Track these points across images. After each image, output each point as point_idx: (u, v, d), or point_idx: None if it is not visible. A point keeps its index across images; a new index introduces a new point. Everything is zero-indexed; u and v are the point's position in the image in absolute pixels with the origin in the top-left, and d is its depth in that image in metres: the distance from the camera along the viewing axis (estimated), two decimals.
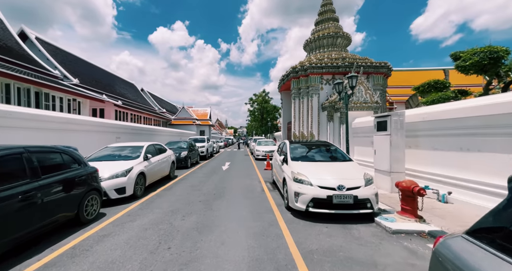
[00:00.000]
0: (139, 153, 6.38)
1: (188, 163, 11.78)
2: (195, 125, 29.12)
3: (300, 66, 10.10)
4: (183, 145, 12.72)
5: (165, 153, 8.14)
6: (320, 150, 5.63)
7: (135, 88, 26.89)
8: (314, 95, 10.05)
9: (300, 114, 10.69)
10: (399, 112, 5.42)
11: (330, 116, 9.45)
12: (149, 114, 22.67)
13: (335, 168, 4.55)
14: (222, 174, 9.65)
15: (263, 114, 31.79)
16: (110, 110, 14.90)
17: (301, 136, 10.53)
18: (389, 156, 5.44)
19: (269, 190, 6.52)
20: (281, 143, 7.27)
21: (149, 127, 13.71)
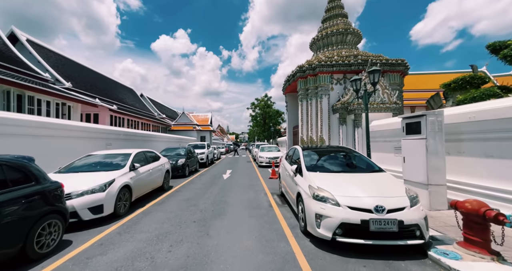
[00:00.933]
0: (125, 161, 5.45)
1: (186, 171, 10.82)
2: (196, 131, 28.27)
3: (308, 65, 9.25)
4: (181, 151, 11.79)
5: (158, 161, 7.21)
6: (340, 158, 4.66)
7: (134, 93, 26.28)
8: (323, 96, 9.14)
9: (308, 118, 9.76)
10: (436, 111, 4.46)
11: (343, 119, 8.51)
12: (147, 120, 21.90)
13: (366, 181, 3.57)
14: (222, 184, 8.66)
15: (266, 120, 30.91)
16: (105, 115, 14.10)
17: (310, 141, 9.56)
18: (425, 164, 4.45)
19: (277, 205, 5.53)
20: (290, 150, 6.32)
21: (145, 133, 12.85)
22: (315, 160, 4.52)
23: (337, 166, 4.30)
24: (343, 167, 4.27)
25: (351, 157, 4.60)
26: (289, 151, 6.35)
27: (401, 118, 5.27)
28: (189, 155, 11.92)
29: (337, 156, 4.70)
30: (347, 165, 4.37)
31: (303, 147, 5.25)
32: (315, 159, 4.56)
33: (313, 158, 4.60)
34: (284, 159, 6.39)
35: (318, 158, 4.63)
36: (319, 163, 4.43)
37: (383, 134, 6.87)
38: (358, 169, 4.16)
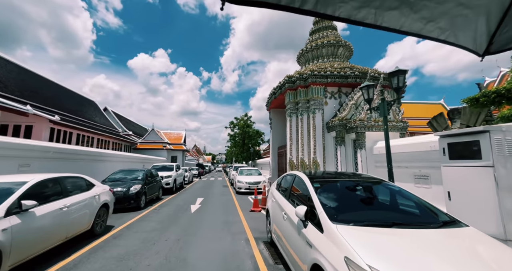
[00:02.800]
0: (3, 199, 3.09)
1: (141, 201, 8.22)
2: (166, 150, 25.22)
3: (299, 75, 7.95)
4: (139, 175, 9.22)
5: (89, 191, 4.83)
6: (373, 194, 2.92)
7: (95, 106, 23.05)
8: (316, 111, 7.75)
9: (298, 136, 8.19)
10: (503, 126, 3.09)
11: (340, 139, 7.06)
12: (107, 136, 18.70)
13: (455, 251, 1.81)
14: (187, 222, 6.33)
15: (245, 140, 29.17)
16: (42, 127, 11.11)
17: (301, 165, 7.86)
18: (495, 206, 2.90)
19: (267, 265, 3.48)
20: (284, 177, 4.49)
21: (93, 151, 10.09)
22: (336, 200, 2.72)
23: (376, 212, 2.53)
24: (387, 214, 2.51)
25: (390, 192, 2.90)
26: (283, 179, 4.50)
27: (438, 137, 3.85)
28: (148, 179, 9.37)
29: (367, 191, 2.96)
30: (390, 209, 2.63)
31: (310, 174, 3.45)
32: (336, 198, 2.77)
33: (333, 196, 2.80)
34: (276, 190, 4.50)
35: (339, 195, 2.85)
36: (345, 205, 2.64)
37: (397, 159, 5.43)
38: (414, 219, 2.42)
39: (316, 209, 2.45)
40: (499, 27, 1.04)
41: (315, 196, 2.63)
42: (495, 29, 1.05)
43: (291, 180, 3.87)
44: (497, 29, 1.05)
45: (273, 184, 5.10)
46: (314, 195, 2.66)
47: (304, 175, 3.40)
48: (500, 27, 1.04)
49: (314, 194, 2.68)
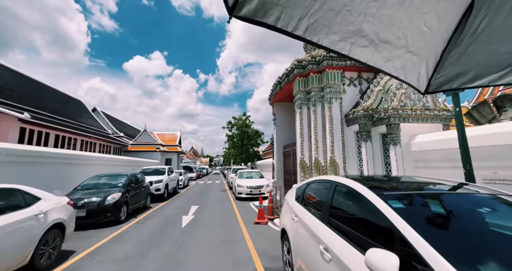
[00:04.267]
0: None
1: (120, 214, 6.75)
2: (160, 152, 23.64)
3: (311, 58, 6.58)
4: (120, 181, 7.73)
5: (22, 210, 3.36)
6: (488, 217, 1.57)
7: (82, 106, 21.43)
8: (333, 100, 6.38)
9: (311, 132, 6.81)
10: None
11: (366, 133, 5.69)
12: (93, 138, 17.13)
13: None
14: (174, 243, 4.87)
15: (244, 140, 27.72)
16: (8, 127, 9.55)
17: (315, 167, 6.47)
18: None
19: None
20: (309, 185, 3.09)
21: (65, 154, 8.56)
22: (456, 239, 1.36)
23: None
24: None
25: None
26: (308, 188, 3.09)
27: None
28: (131, 186, 7.88)
29: (500, 216, 1.59)
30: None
31: (366, 181, 2.05)
32: (453, 234, 1.40)
33: (445, 231, 1.43)
34: (298, 204, 3.09)
35: (455, 227, 1.47)
36: (481, 250, 1.29)
37: (450, 156, 4.07)
38: None
39: (429, 263, 1.05)
40: (434, 73, 1.34)
41: (414, 234, 1.22)
42: (431, 75, 1.35)
43: (326, 191, 2.45)
44: (433, 75, 1.35)
45: (290, 194, 3.69)
46: (410, 230, 1.24)
47: (358, 183, 1.99)
48: (434, 73, 1.34)
49: (407, 227, 1.27)
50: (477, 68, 1.25)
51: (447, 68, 1.29)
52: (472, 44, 1.12)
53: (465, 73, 1.29)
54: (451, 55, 1.22)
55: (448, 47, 1.18)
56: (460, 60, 1.22)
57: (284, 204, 3.75)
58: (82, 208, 6.04)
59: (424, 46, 1.18)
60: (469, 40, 1.12)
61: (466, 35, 1.10)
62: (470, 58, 1.20)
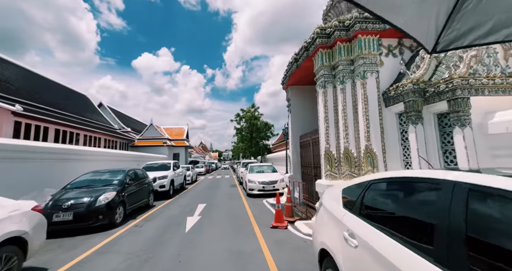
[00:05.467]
0: None
1: (115, 215, 5.82)
2: (167, 147, 22.97)
3: (338, 22, 5.22)
4: (116, 178, 6.82)
5: None
6: None
7: (87, 101, 20.89)
8: (368, 74, 5.05)
9: (338, 115, 5.55)
10: None
11: (415, 114, 4.37)
12: (97, 133, 16.52)
13: None
14: (174, 255, 3.81)
15: (253, 133, 26.57)
16: (1, 120, 8.83)
17: (346, 157, 5.23)
18: None
19: None
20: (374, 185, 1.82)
21: (57, 148, 7.72)
22: None
23: None
24: None
25: None
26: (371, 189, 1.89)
27: None
28: (128, 183, 6.95)
29: None
30: None
31: None
32: None
33: None
34: (353, 216, 1.87)
35: None
36: None
37: None
38: None
39: None
40: (444, 28, 1.12)
41: None
42: (441, 30, 1.13)
43: (437, 200, 1.24)
44: (442, 31, 1.13)
45: (330, 197, 2.51)
46: None
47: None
48: (445, 28, 1.12)
49: None
50: (492, 20, 1.02)
51: (459, 22, 1.07)
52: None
53: (478, 26, 1.06)
54: (464, 6, 1.00)
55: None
56: (475, 11, 1.00)
57: (321, 212, 2.58)
58: (68, 211, 5.15)
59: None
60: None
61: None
62: (485, 9, 0.98)
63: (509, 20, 1.02)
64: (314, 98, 7.51)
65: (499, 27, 1.05)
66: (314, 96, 7.16)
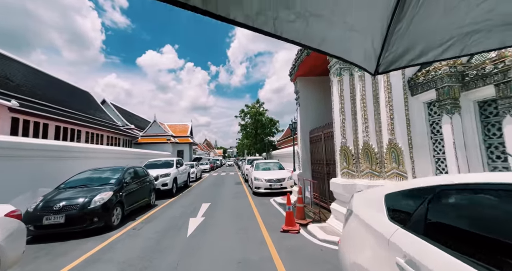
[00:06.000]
0: None
1: (112, 217, 5.38)
2: (171, 144, 22.64)
3: None
4: (113, 176, 6.39)
5: None
6: None
7: (90, 98, 20.63)
8: None
9: (356, 106, 4.94)
10: None
11: (452, 102, 3.74)
12: (100, 130, 16.23)
13: None
14: (172, 265, 3.25)
15: (257, 129, 25.99)
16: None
17: (365, 153, 4.63)
18: None
19: None
20: (470, 187, 1.24)
21: (53, 145, 7.32)
22: None
23: None
24: None
25: None
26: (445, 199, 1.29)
27: None
28: (127, 182, 6.51)
29: None
30: None
31: None
32: None
33: None
34: (418, 239, 1.29)
35: None
36: None
37: None
38: None
39: None
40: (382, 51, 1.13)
41: None
42: (379, 53, 1.14)
43: None
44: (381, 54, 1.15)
45: (365, 204, 1.93)
46: None
47: None
48: (382, 52, 1.13)
49: None
50: (422, 43, 1.10)
51: (394, 45, 1.11)
52: (416, 16, 0.97)
53: (411, 49, 1.12)
54: (397, 30, 1.04)
55: (393, 21, 0.99)
56: (406, 35, 1.06)
57: (352, 222, 2.02)
58: (60, 213, 4.72)
59: (366, 21, 0.99)
60: (412, 12, 0.96)
61: (409, 6, 0.94)
62: (415, 32, 1.05)
63: (433, 43, 1.09)
64: (325, 90, 6.88)
65: (427, 50, 1.11)
66: (326, 87, 6.54)
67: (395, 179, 4.28)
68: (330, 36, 0.99)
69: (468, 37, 1.02)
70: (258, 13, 0.75)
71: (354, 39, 1.06)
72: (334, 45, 1.04)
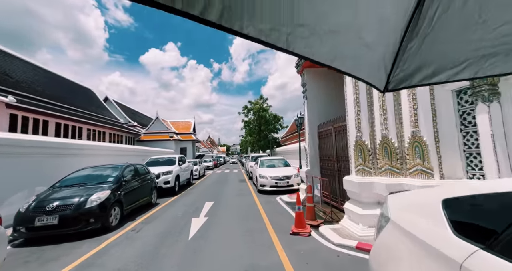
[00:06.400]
0: None
1: (109, 217, 5.05)
2: (174, 141, 22.38)
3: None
4: (111, 175, 6.07)
5: None
6: None
7: (92, 95, 20.41)
8: None
9: (372, 96, 4.47)
10: None
11: (489, 89, 3.24)
12: (102, 127, 16.00)
13: None
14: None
15: (261, 126, 25.55)
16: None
17: (384, 148, 4.18)
18: None
19: None
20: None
21: (50, 142, 7.03)
22: None
23: None
24: None
25: None
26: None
27: None
28: (126, 180, 6.19)
29: None
30: None
31: None
32: None
33: None
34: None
35: None
36: None
37: None
38: None
39: None
40: (392, 68, 1.12)
41: None
42: (390, 70, 1.13)
43: None
44: (391, 71, 1.13)
45: (405, 206, 1.49)
46: None
47: None
48: (393, 69, 1.12)
49: None
50: (435, 63, 1.07)
51: (406, 63, 1.09)
52: (429, 35, 0.95)
53: (423, 67, 1.09)
54: (409, 48, 1.01)
55: (405, 38, 0.98)
56: (418, 53, 1.03)
57: (390, 233, 1.60)
58: (53, 214, 4.41)
59: (379, 37, 0.97)
60: (426, 31, 0.94)
61: (422, 24, 0.92)
62: (427, 52, 1.02)
63: (447, 64, 1.06)
64: (335, 80, 6.40)
65: (440, 69, 1.08)
66: (336, 78, 6.06)
67: (418, 176, 3.83)
68: (343, 53, 0.97)
69: (484, 60, 1.00)
70: (271, 29, 0.74)
71: (366, 56, 1.04)
72: (347, 61, 1.02)
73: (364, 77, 1.13)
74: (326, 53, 0.93)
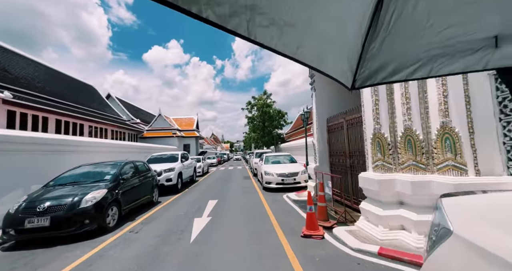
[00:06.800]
0: None
1: (106, 218, 4.72)
2: (177, 138, 22.12)
3: None
4: (108, 172, 5.73)
5: None
6: None
7: (94, 92, 20.19)
8: None
9: (392, 84, 3.95)
10: None
11: None
12: (104, 124, 15.77)
13: None
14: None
15: (265, 122, 25.06)
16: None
17: (407, 141, 3.70)
18: None
19: None
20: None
21: (45, 138, 6.71)
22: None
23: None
24: None
25: None
26: None
27: None
28: (124, 178, 5.86)
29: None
30: None
31: None
32: None
33: None
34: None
35: None
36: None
37: None
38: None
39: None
40: (358, 67, 1.14)
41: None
42: (355, 69, 1.15)
43: None
44: (357, 69, 1.15)
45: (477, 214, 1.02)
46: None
47: None
48: (358, 67, 1.14)
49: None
50: (394, 62, 1.14)
51: (369, 62, 1.13)
52: (387, 37, 1.01)
53: (385, 67, 1.15)
54: (371, 48, 1.06)
55: (367, 39, 1.02)
56: (379, 54, 1.09)
57: (454, 252, 1.17)
58: (45, 215, 4.09)
59: (342, 36, 1.00)
60: (384, 33, 1.00)
61: (381, 27, 0.97)
62: (386, 52, 1.08)
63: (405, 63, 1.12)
64: None
65: (399, 68, 1.13)
66: None
67: (449, 173, 3.35)
68: (306, 47, 0.95)
69: (434, 60, 1.07)
70: (231, 15, 0.72)
71: (330, 53, 1.06)
72: (310, 56, 1.01)
73: (331, 74, 1.13)
74: (289, 45, 0.90)
